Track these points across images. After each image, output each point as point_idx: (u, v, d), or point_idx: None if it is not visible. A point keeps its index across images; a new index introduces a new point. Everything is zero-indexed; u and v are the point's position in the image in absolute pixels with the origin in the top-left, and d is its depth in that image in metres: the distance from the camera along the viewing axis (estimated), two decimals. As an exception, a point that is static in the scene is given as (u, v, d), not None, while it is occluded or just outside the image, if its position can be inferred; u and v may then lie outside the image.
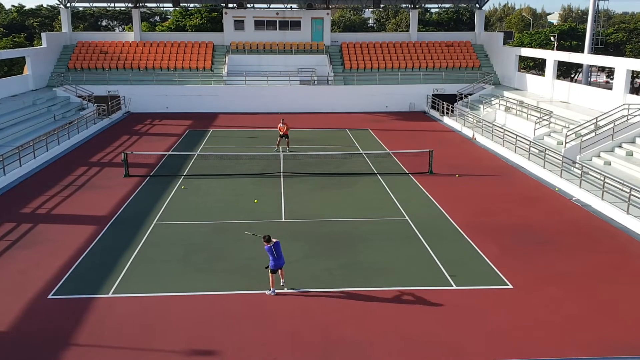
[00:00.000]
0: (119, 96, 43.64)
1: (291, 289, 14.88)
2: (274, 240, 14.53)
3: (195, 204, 22.13)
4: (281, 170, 26.80)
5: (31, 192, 23.65)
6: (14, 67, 56.89)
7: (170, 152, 30.27)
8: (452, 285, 15.21)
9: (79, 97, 41.80)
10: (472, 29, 55.30)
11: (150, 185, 24.58)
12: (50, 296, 14.62)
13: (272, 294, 14.58)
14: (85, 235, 18.78)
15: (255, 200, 22.38)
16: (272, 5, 51.08)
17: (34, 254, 17.25)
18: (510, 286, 15.19)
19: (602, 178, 22.03)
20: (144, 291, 14.84)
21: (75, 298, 14.49)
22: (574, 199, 22.76)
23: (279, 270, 14.70)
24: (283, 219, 20.45)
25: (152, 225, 19.76)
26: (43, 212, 21.26)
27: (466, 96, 43.39)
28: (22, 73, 49.29)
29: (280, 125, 30.85)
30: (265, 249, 14.45)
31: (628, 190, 20.31)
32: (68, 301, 14.35)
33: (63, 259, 16.86)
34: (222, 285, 15.16)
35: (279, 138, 31.12)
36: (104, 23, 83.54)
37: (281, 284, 14.83)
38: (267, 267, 14.59)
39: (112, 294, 14.73)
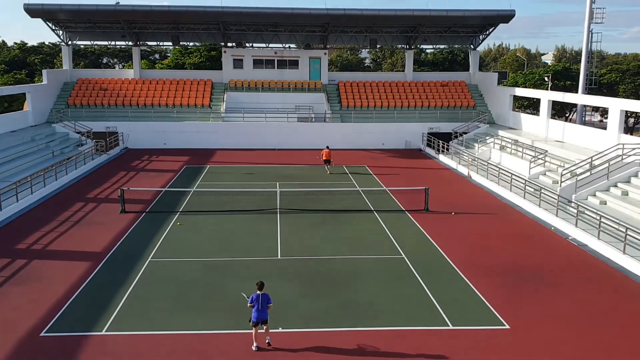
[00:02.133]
0: (117, 132, 43.95)
1: (286, 328, 14.75)
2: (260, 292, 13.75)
3: (190, 240, 22.07)
4: (278, 207, 26.83)
5: (27, 227, 23.60)
6: (14, 103, 57.30)
7: (166, 188, 30.31)
8: (448, 326, 15.10)
9: (77, 133, 42.08)
10: (467, 69, 56.24)
11: (146, 222, 24.55)
12: (43, 333, 14.45)
13: (255, 349, 13.65)
14: (80, 271, 18.68)
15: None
16: (270, 45, 51.96)
17: (28, 290, 17.11)
18: (507, 326, 15.08)
19: (598, 217, 22.10)
20: (138, 329, 14.69)
21: (68, 336, 14.32)
22: (570, 238, 22.77)
23: (264, 326, 13.75)
24: (279, 257, 20.38)
25: (147, 262, 19.66)
26: (38, 248, 21.17)
27: (461, 135, 43.81)
28: (22, 109, 49.65)
29: (325, 150, 36.10)
30: (252, 296, 13.72)
31: (624, 230, 20.35)
32: (61, 339, 14.18)
33: (57, 295, 16.72)
34: (215, 324, 14.99)
35: (325, 165, 35.93)
36: (104, 60, 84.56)
37: (267, 340, 13.90)
38: (249, 321, 13.78)
39: (106, 331, 14.58)
